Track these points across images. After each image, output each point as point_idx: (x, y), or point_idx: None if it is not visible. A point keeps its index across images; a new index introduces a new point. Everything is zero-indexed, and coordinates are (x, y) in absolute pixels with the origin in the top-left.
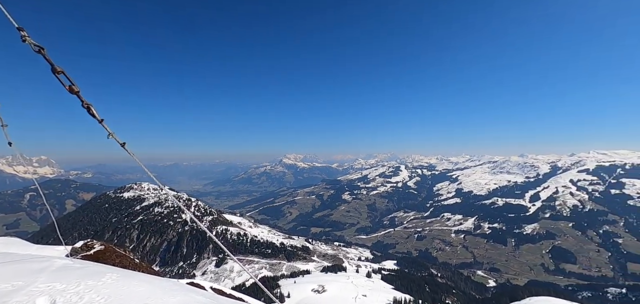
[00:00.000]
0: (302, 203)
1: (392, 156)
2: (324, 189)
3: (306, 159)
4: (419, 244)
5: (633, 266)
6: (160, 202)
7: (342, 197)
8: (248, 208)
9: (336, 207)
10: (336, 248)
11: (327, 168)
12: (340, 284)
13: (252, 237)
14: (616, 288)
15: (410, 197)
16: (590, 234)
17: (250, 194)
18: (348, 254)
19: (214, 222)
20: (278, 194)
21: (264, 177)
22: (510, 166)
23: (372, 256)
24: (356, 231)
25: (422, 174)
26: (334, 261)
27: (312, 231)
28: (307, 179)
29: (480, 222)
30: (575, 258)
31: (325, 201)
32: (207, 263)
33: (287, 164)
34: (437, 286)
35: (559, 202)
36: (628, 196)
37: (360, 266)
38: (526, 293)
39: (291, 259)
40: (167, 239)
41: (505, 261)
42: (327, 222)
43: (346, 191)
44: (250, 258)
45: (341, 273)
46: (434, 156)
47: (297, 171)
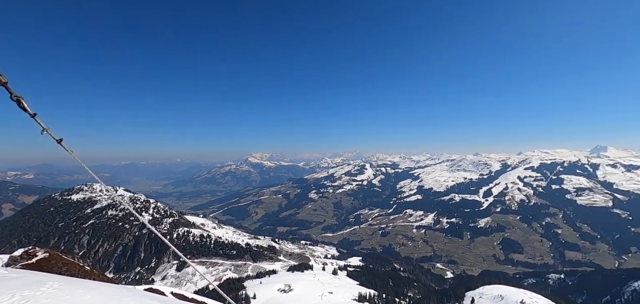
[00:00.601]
0: (269, 203)
1: (358, 155)
2: (291, 188)
3: (273, 158)
4: (383, 240)
5: (570, 254)
6: (114, 205)
7: (308, 196)
8: (212, 209)
9: (303, 206)
10: (303, 247)
11: (294, 167)
12: (307, 283)
13: (216, 238)
14: (556, 274)
15: (375, 195)
16: (535, 226)
17: (214, 194)
18: (315, 253)
19: (175, 224)
20: (243, 194)
21: (229, 176)
22: (466, 164)
23: (338, 254)
24: (323, 229)
25: (386, 172)
26: (300, 259)
27: (279, 230)
28: (274, 178)
29: (439, 217)
30: (522, 248)
31: (292, 200)
32: (167, 267)
33: (253, 163)
34: (400, 280)
35: (508, 198)
36: (566, 190)
37: (327, 263)
38: (480, 283)
39: (257, 260)
40: (123, 243)
41: (462, 254)
42: (293, 221)
43: (313, 190)
44: (214, 260)
45: (308, 272)
46: (397, 155)
47: (263, 170)
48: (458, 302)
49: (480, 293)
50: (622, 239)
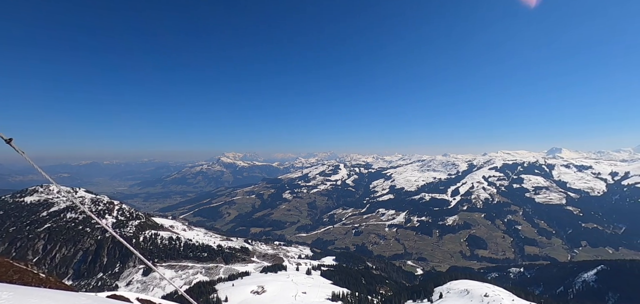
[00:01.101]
0: (242, 203)
1: (332, 155)
2: (265, 188)
3: (246, 157)
4: (357, 239)
5: (529, 249)
6: (74, 207)
7: (282, 196)
8: (182, 210)
9: (277, 207)
10: (276, 248)
11: (267, 167)
12: (280, 284)
13: (186, 240)
14: (516, 268)
15: (348, 194)
16: (498, 223)
17: (184, 195)
18: (288, 253)
19: (141, 227)
20: (215, 195)
21: (200, 176)
22: (436, 164)
23: (312, 254)
24: (297, 229)
25: (359, 172)
26: (274, 260)
27: (252, 231)
28: (247, 178)
29: (410, 216)
30: (486, 244)
31: (265, 201)
32: (133, 272)
33: (225, 163)
34: (372, 278)
35: (474, 196)
36: (526, 189)
37: (301, 263)
38: (447, 278)
39: (229, 262)
40: (83, 248)
41: (431, 251)
42: (267, 221)
43: (287, 190)
44: (184, 263)
45: (281, 272)
46: (370, 155)
47: (236, 170)
48: (427, 298)
49: (447, 288)
50: (574, 234)
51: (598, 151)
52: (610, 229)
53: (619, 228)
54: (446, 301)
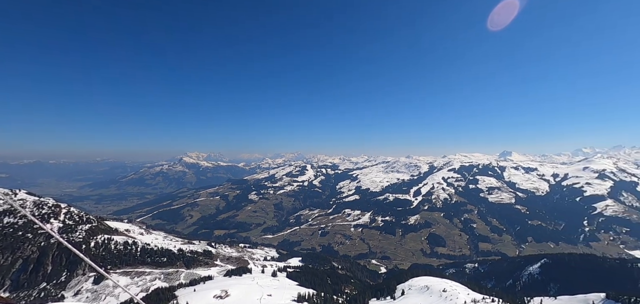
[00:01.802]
0: (205, 205)
1: (299, 156)
2: (230, 190)
3: (210, 158)
4: (323, 239)
5: (482, 245)
6: (12, 211)
7: (248, 198)
8: (139, 213)
9: (242, 208)
10: (241, 250)
11: (233, 167)
12: (245, 287)
13: (143, 245)
14: (471, 263)
15: (315, 195)
16: (456, 221)
17: (142, 197)
18: (254, 255)
19: (93, 231)
20: (177, 196)
21: (160, 177)
22: (399, 165)
23: (278, 255)
24: (263, 231)
25: (326, 174)
26: (238, 263)
27: (216, 233)
28: (211, 179)
29: (375, 216)
30: (445, 242)
31: (230, 202)
32: (81, 281)
33: (188, 163)
34: (338, 278)
35: (434, 196)
36: (480, 189)
37: (266, 266)
38: (409, 275)
39: (191, 266)
40: (23, 256)
41: (394, 249)
42: (232, 223)
43: (253, 191)
44: (140, 269)
45: (246, 275)
46: (337, 156)
47: (199, 170)
48: (390, 295)
49: (409, 285)
50: (521, 230)
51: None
52: (552, 226)
53: (559, 224)
54: (408, 297)
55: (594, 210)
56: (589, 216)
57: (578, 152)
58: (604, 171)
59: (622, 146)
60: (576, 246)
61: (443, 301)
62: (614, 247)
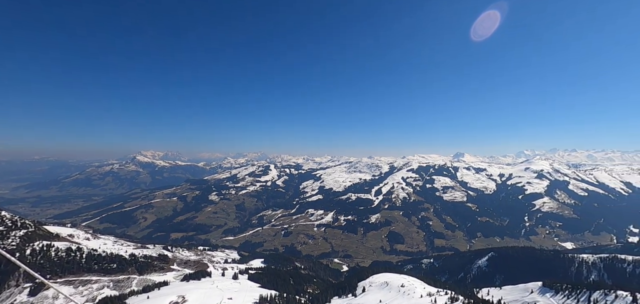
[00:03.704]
0: (161, 207)
1: (262, 155)
2: (188, 190)
3: (167, 157)
4: (286, 240)
5: (438, 242)
6: None
7: (208, 198)
8: (85, 216)
9: (202, 209)
10: (200, 253)
11: (192, 167)
12: (204, 291)
13: (89, 251)
14: (427, 259)
15: (278, 195)
16: (413, 219)
17: (88, 199)
18: (214, 258)
19: (29, 237)
20: (129, 198)
21: (110, 177)
22: (362, 166)
23: (240, 257)
24: (224, 232)
25: (290, 174)
26: (197, 267)
27: (173, 236)
28: (168, 180)
29: (337, 215)
30: (403, 239)
31: (189, 203)
32: (15, 293)
33: (142, 162)
34: (301, 278)
35: (394, 196)
36: (436, 189)
37: (227, 268)
38: (370, 273)
39: (144, 272)
40: None
41: (356, 248)
42: (190, 226)
43: (214, 192)
44: (86, 277)
45: (206, 279)
46: (301, 156)
47: (155, 170)
48: (351, 292)
49: (370, 282)
50: (472, 227)
51: (491, 155)
52: (498, 222)
53: (504, 221)
54: (368, 294)
55: (534, 207)
56: (529, 212)
57: (521, 154)
58: (542, 172)
59: (556, 149)
60: (518, 240)
61: (401, 296)
62: (550, 240)
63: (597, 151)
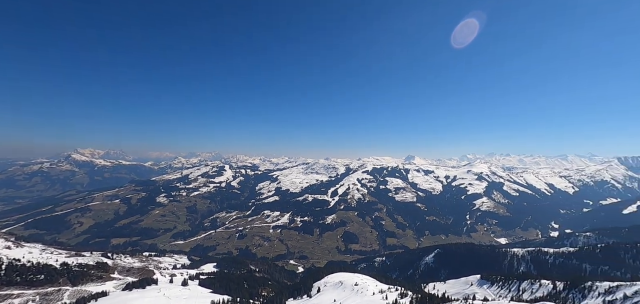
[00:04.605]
0: (100, 210)
1: (217, 155)
2: (133, 192)
3: (109, 155)
4: (240, 242)
5: (390, 240)
6: None
7: (156, 200)
8: (6, 222)
9: (149, 212)
10: (146, 259)
11: (138, 167)
12: (149, 300)
13: (10, 261)
14: (380, 257)
15: (233, 197)
16: (368, 219)
17: (10, 202)
18: (161, 264)
19: None
20: (62, 201)
21: (38, 178)
22: (319, 167)
23: (190, 262)
24: (173, 236)
25: (246, 174)
26: (142, 274)
27: (114, 242)
28: (110, 180)
29: (294, 217)
30: (358, 239)
31: (134, 206)
32: None
33: (78, 161)
34: (255, 281)
35: (350, 196)
36: (389, 190)
37: (176, 274)
38: (325, 273)
39: (79, 282)
40: None
41: (312, 249)
42: (135, 230)
43: (162, 193)
44: (5, 292)
45: (151, 287)
46: (258, 157)
47: (94, 170)
48: (306, 293)
49: (325, 282)
50: (421, 225)
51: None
52: (444, 220)
53: (449, 219)
54: (323, 294)
55: (474, 206)
56: (471, 211)
57: (464, 158)
58: (482, 174)
59: (494, 154)
60: (461, 236)
61: (355, 295)
62: (487, 236)
63: (526, 156)
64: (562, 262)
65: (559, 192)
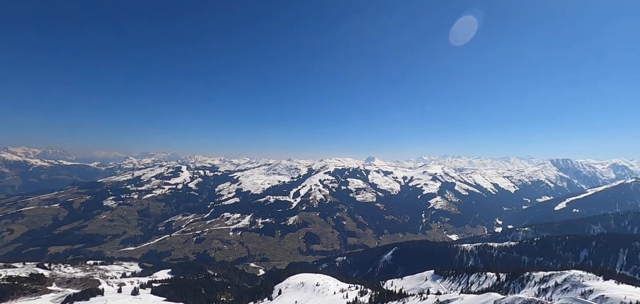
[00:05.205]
0: (36, 215)
1: (173, 156)
2: (76, 195)
3: (47, 155)
4: (198, 247)
5: (350, 240)
6: None
7: (103, 204)
8: None
9: (94, 217)
10: (90, 268)
11: (82, 168)
12: None
13: None
14: (341, 257)
15: (191, 199)
16: (329, 220)
17: None
18: (108, 273)
19: None
20: None
21: None
22: (281, 168)
23: (142, 269)
24: (122, 242)
25: (204, 175)
26: (85, 285)
27: (52, 251)
28: (47, 182)
29: (255, 218)
30: (320, 239)
31: (76, 210)
32: None
33: (9, 161)
34: (213, 286)
35: (312, 197)
36: (350, 190)
37: (125, 283)
38: (286, 274)
39: (8, 297)
40: None
41: (273, 251)
42: (77, 237)
43: (110, 196)
44: None
45: (96, 298)
46: (217, 157)
47: (28, 171)
48: (267, 296)
49: (286, 284)
50: (380, 224)
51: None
52: (401, 219)
53: (406, 218)
54: (284, 296)
55: (429, 205)
56: (426, 210)
57: (420, 159)
58: (436, 175)
59: (447, 155)
60: (417, 234)
61: (316, 295)
62: (440, 233)
63: (475, 158)
64: (505, 255)
65: (502, 191)
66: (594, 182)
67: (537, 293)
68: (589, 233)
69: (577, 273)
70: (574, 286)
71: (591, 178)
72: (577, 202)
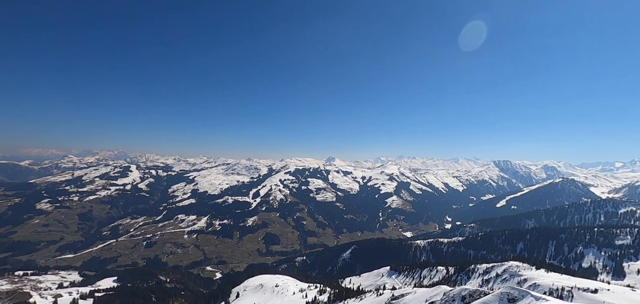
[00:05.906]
0: None
1: (121, 154)
2: (2, 197)
3: None
4: (148, 251)
5: (310, 239)
6: None
7: (35, 207)
8: None
9: (24, 222)
10: (19, 279)
11: (10, 167)
12: None
13: None
14: (301, 256)
15: (141, 201)
16: (289, 220)
17: None
18: (41, 284)
19: None
20: None
21: None
22: (240, 168)
23: (82, 278)
24: (59, 250)
25: (156, 175)
26: (13, 299)
27: None
28: None
29: (212, 220)
30: (279, 240)
31: (2, 215)
32: None
33: None
34: (165, 292)
35: (272, 198)
36: (310, 190)
37: (62, 295)
38: (245, 277)
39: None
40: None
41: (231, 253)
42: (4, 245)
43: (45, 198)
44: None
45: None
46: (171, 157)
47: None
48: (224, 300)
49: (244, 286)
50: (339, 224)
51: (356, 160)
52: (360, 218)
53: (364, 217)
54: (243, 299)
55: (386, 204)
56: (383, 209)
57: (378, 160)
58: (392, 175)
59: (403, 156)
60: (374, 232)
61: (275, 296)
62: (396, 231)
63: (428, 158)
64: (454, 250)
65: (452, 190)
66: (529, 182)
67: (481, 284)
68: (525, 227)
69: (514, 264)
70: (511, 275)
71: (527, 178)
72: (515, 200)
